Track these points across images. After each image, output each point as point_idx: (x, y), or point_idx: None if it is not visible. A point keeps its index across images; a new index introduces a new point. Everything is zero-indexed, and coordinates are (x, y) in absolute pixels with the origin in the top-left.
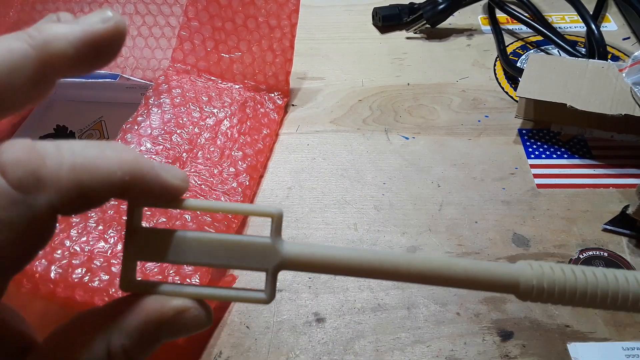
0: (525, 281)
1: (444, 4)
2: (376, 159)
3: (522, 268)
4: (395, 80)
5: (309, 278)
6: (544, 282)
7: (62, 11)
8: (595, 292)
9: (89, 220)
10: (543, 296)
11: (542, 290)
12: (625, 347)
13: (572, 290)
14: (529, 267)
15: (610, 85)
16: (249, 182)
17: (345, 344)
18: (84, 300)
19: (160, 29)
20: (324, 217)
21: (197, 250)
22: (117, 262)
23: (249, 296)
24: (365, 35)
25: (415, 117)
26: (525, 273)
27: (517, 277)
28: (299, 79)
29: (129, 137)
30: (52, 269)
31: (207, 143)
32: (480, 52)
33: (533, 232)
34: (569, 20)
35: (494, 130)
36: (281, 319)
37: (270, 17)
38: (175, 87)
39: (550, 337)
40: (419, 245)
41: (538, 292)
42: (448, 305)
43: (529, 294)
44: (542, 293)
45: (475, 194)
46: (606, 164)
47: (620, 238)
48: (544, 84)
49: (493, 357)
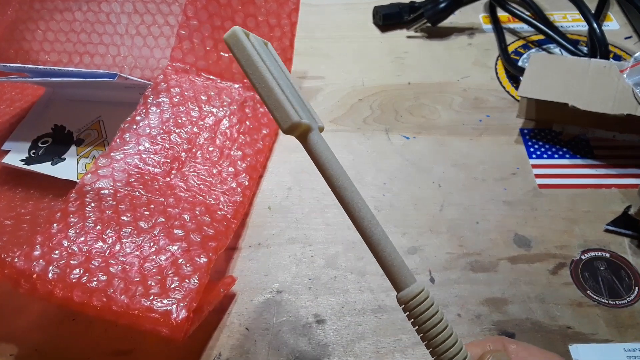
0: (409, 290)
1: (444, 2)
2: (376, 159)
3: (419, 283)
4: (395, 80)
5: (309, 279)
6: (420, 304)
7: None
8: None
9: (87, 220)
10: (411, 312)
11: (413, 308)
12: (626, 349)
13: (429, 325)
14: (422, 287)
15: (612, 84)
16: (248, 182)
17: (346, 346)
18: (82, 301)
19: (159, 28)
20: (324, 217)
21: (281, 71)
22: (115, 263)
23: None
24: (365, 34)
25: (416, 117)
26: (416, 287)
27: (408, 283)
28: (298, 78)
29: (127, 136)
30: (50, 269)
31: (206, 143)
32: (481, 51)
33: (535, 233)
34: (570, 19)
35: (495, 130)
36: (281, 321)
37: (270, 16)
38: (174, 86)
39: (551, 339)
40: (420, 246)
41: (409, 307)
42: (449, 306)
43: (404, 300)
44: (412, 309)
45: (477, 194)
46: (608, 164)
47: (622, 239)
48: (546, 84)
49: None
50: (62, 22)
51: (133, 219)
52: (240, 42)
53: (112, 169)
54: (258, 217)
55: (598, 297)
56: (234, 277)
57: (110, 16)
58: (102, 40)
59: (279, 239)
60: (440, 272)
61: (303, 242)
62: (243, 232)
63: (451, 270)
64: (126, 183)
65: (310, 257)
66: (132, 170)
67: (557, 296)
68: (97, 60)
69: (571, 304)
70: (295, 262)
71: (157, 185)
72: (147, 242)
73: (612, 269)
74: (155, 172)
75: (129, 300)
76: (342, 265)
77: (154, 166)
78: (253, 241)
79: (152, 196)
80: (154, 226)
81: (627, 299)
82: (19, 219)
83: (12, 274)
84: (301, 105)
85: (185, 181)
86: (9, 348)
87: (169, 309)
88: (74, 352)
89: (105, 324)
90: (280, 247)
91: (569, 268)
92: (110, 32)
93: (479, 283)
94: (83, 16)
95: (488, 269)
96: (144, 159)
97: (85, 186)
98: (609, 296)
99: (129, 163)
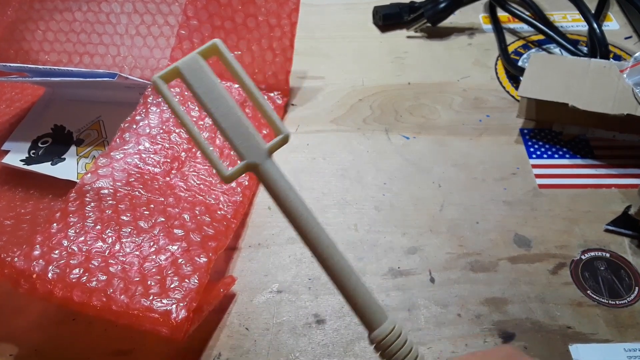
0: (381, 330)
1: (444, 2)
2: (376, 159)
3: (391, 320)
4: (395, 80)
5: (309, 279)
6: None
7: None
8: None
9: (86, 220)
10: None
11: (385, 348)
12: (627, 349)
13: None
14: (394, 325)
15: (612, 84)
16: (248, 181)
17: (346, 346)
18: (82, 301)
19: (159, 28)
20: (324, 217)
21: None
22: (115, 262)
23: (218, 163)
24: (365, 34)
25: (416, 117)
26: (387, 325)
27: (379, 323)
28: (298, 78)
29: (127, 136)
30: (50, 269)
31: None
32: (481, 51)
33: (535, 233)
34: (570, 19)
35: (495, 130)
36: (281, 321)
37: (270, 15)
38: (174, 86)
39: (551, 339)
40: (420, 246)
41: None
42: (449, 306)
43: (376, 340)
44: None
45: (477, 194)
46: (608, 164)
47: (622, 239)
48: (546, 84)
49: None
50: (62, 22)
51: (133, 219)
52: (162, 93)
53: (112, 168)
54: (258, 217)
55: (598, 297)
56: (233, 277)
57: (110, 16)
58: (102, 40)
59: (279, 239)
60: (440, 272)
61: None
62: (243, 232)
63: (451, 270)
64: (126, 183)
65: (310, 257)
66: (131, 170)
67: (557, 296)
68: (97, 61)
69: (571, 304)
70: (295, 262)
71: (157, 184)
72: (146, 241)
73: (612, 269)
74: (155, 171)
75: (129, 300)
76: None
77: (153, 166)
78: (253, 241)
79: (151, 196)
80: (154, 226)
81: (627, 298)
82: (18, 218)
83: (12, 274)
84: (243, 137)
85: (185, 181)
86: (9, 348)
87: (168, 309)
88: (74, 352)
89: (105, 324)
90: (280, 247)
91: (569, 268)
92: (110, 32)
93: (479, 283)
94: (83, 16)
95: (488, 269)
96: (144, 159)
97: (85, 186)
98: (609, 296)
99: (129, 163)
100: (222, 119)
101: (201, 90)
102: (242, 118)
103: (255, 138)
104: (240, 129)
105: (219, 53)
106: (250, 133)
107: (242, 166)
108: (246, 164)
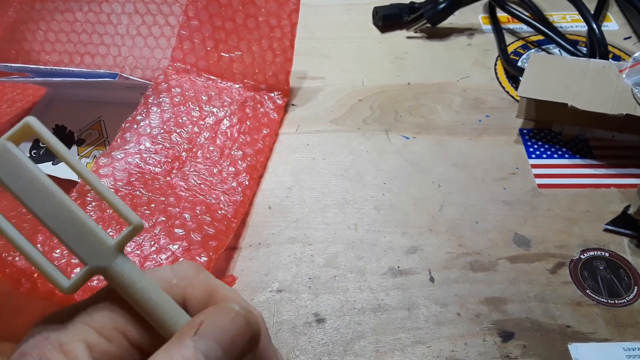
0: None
1: (444, 3)
2: (376, 159)
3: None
4: (395, 80)
5: (309, 278)
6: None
7: (60, 10)
8: None
9: None
10: None
11: None
12: (626, 348)
13: None
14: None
15: (612, 84)
16: (248, 181)
17: (346, 345)
18: None
19: (160, 28)
20: (323, 217)
21: (44, 193)
22: None
23: (53, 274)
24: (365, 35)
25: (416, 117)
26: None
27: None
28: (299, 79)
29: (128, 136)
30: None
31: (206, 142)
32: (481, 51)
33: (534, 233)
34: (570, 20)
35: (495, 130)
36: (281, 320)
37: (271, 16)
38: (175, 86)
39: (551, 338)
40: (420, 246)
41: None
42: (448, 305)
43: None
44: None
45: (476, 194)
46: (607, 164)
47: (621, 238)
48: (545, 84)
49: (494, 357)
50: (63, 23)
51: None
52: None
53: (113, 168)
54: (258, 216)
55: (597, 296)
56: (234, 276)
57: (111, 17)
58: (103, 40)
59: (279, 238)
60: (440, 272)
61: (303, 241)
62: (243, 232)
63: (451, 269)
64: (127, 182)
65: (310, 257)
66: (132, 170)
67: (557, 295)
68: (98, 61)
69: (570, 304)
70: (295, 262)
71: (157, 184)
72: (147, 241)
73: (612, 269)
74: (155, 171)
75: None
76: (342, 265)
77: (154, 165)
78: (253, 241)
79: (152, 195)
80: (155, 225)
81: (626, 298)
82: (19, 218)
83: (13, 273)
84: (80, 237)
85: (186, 180)
86: (9, 348)
87: None
88: None
89: None
90: (280, 247)
91: (569, 267)
92: (111, 32)
93: (478, 282)
94: (84, 17)
95: (487, 269)
96: (145, 159)
97: (86, 185)
98: (608, 295)
99: (130, 162)
100: (49, 218)
101: (15, 185)
102: (75, 212)
103: (96, 235)
104: (75, 228)
105: (35, 133)
106: (90, 230)
107: (84, 273)
108: (89, 269)
